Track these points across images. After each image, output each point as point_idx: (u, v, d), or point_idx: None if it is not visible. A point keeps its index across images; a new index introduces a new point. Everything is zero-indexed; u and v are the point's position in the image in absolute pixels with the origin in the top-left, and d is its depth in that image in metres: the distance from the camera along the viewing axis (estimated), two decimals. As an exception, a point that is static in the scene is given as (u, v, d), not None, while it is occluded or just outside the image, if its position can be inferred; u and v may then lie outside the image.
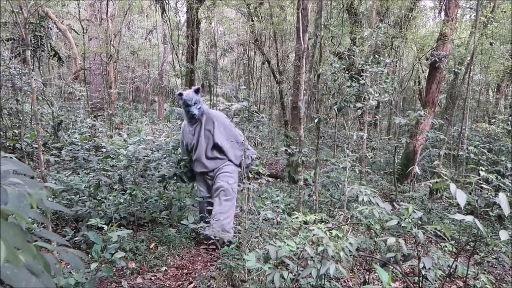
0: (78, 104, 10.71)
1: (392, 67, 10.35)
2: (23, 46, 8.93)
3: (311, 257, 2.76)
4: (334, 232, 3.15)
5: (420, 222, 3.97)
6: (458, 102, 9.36)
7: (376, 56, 5.46)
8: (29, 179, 1.25)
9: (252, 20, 12.16)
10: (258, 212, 4.20)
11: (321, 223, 4.20)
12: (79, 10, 11.13)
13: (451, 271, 3.40)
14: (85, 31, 10.70)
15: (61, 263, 3.25)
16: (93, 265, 2.51)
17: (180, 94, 4.37)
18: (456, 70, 8.99)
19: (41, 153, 2.89)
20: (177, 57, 13.59)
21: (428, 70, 8.48)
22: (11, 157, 1.37)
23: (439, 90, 8.17)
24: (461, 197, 2.18)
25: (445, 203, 6.47)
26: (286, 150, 6.70)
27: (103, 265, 2.59)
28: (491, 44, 9.63)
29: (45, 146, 7.09)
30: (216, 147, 4.46)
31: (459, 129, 7.57)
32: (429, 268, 3.02)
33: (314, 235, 2.77)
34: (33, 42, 9.45)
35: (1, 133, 7.54)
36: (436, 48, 7.80)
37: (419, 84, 13.66)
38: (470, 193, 5.09)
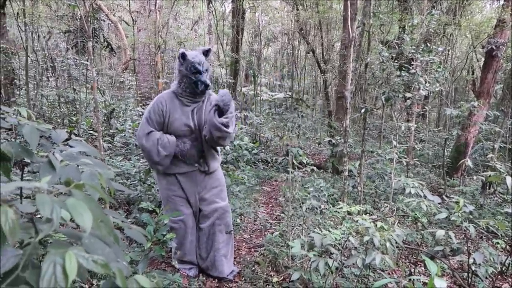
0: (128, 93, 11.17)
1: (444, 55, 9.89)
2: (84, 38, 9.44)
3: (355, 248, 2.76)
4: (379, 223, 3.13)
5: (470, 217, 3.84)
6: (516, 92, 8.79)
7: (428, 44, 5.26)
8: (97, 160, 1.36)
9: (297, 9, 12.04)
10: (302, 202, 4.23)
11: (365, 214, 4.17)
12: (129, 2, 11.55)
13: (503, 268, 3.27)
14: (134, 22, 11.09)
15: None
16: (147, 244, 2.66)
17: (184, 55, 2.96)
18: (515, 58, 8.44)
19: (100, 138, 3.09)
20: (222, 47, 13.74)
21: (483, 58, 8.03)
22: (80, 140, 1.49)
23: (495, 80, 7.72)
24: (518, 191, 2.09)
25: (499, 199, 6.16)
26: (330, 140, 6.65)
27: (154, 246, 2.74)
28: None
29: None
30: None
31: (517, 122, 7.14)
32: (480, 264, 2.93)
33: (359, 225, 2.77)
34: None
35: (59, 120, 8.05)
36: (494, 35, 7.36)
37: (472, 74, 12.96)
38: (527, 189, 4.82)
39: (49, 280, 0.65)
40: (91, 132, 6.89)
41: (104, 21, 12.81)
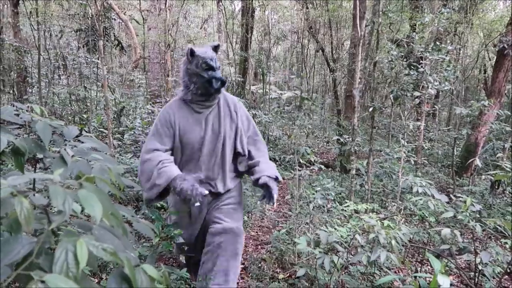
0: (138, 91, 11.27)
1: (455, 54, 9.80)
2: (95, 37, 9.56)
3: (361, 246, 2.78)
4: (386, 222, 3.14)
5: (478, 216, 3.82)
6: (528, 92, 8.69)
7: (438, 43, 5.23)
8: (107, 156, 1.41)
9: (307, 8, 12.03)
10: (309, 200, 4.25)
11: (372, 212, 4.17)
12: (140, 1, 11.65)
13: (511, 268, 3.26)
14: (145, 21, 11.19)
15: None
16: (155, 240, 2.71)
17: (193, 52, 2.52)
18: (527, 57, 8.31)
19: (110, 135, 3.15)
20: (232, 45, 13.78)
21: (495, 57, 7.95)
22: (91, 136, 1.54)
23: (507, 79, 7.64)
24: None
25: (508, 199, 6.11)
26: (338, 139, 6.65)
27: (162, 242, 2.78)
28: None
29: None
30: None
31: (528, 121, 7.06)
32: (486, 264, 2.92)
33: (365, 223, 2.78)
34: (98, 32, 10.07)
35: (70, 117, 8.17)
36: (506, 34, 7.28)
37: (484, 73, 12.82)
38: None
39: (62, 266, 0.69)
40: (101, 129, 6.98)
41: (114, 19, 12.94)
